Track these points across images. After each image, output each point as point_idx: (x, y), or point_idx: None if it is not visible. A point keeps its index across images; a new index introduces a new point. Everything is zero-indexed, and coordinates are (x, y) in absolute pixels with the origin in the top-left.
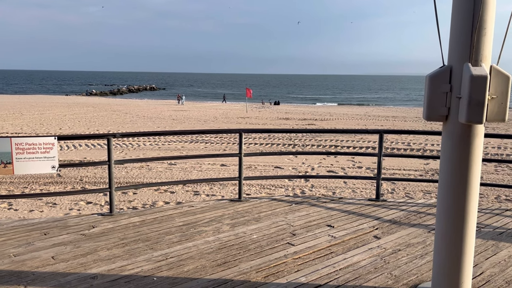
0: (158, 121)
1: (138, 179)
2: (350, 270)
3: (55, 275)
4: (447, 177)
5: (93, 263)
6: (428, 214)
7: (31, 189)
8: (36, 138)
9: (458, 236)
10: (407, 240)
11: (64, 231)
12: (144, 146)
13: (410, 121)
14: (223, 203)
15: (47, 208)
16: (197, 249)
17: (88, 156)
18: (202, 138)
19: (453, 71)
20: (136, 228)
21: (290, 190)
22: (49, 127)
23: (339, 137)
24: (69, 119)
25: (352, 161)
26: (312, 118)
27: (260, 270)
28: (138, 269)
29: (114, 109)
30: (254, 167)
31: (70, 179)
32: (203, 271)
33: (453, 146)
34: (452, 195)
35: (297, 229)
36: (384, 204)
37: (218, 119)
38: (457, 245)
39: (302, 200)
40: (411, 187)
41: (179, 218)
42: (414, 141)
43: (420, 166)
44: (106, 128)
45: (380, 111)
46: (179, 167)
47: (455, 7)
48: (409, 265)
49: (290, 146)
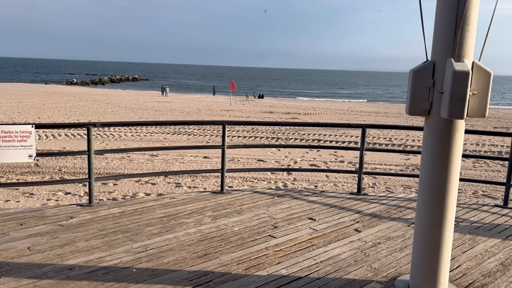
0: (140, 112)
1: (119, 170)
2: (330, 262)
3: (31, 266)
4: (427, 171)
5: (70, 254)
6: (408, 208)
7: (7, 178)
8: (12, 126)
9: (436, 229)
10: (387, 234)
11: (41, 222)
12: (126, 136)
13: (392, 117)
14: (205, 195)
15: (24, 198)
16: (178, 241)
17: (68, 146)
18: (185, 129)
19: (436, 66)
20: (116, 219)
21: (273, 183)
22: (27, 116)
23: (322, 131)
24: (48, 108)
25: (334, 155)
26: (296, 112)
27: (241, 262)
28: (117, 261)
29: (95, 99)
30: (237, 159)
31: (48, 169)
32: (183, 263)
33: (435, 140)
34: (432, 189)
35: (279, 221)
36: (365, 198)
37: (201, 111)
38: (435, 239)
39: (284, 193)
40: (391, 182)
41: (160, 209)
42: (395, 137)
43: (401, 161)
44: (86, 118)
45: (363, 107)
46: (161, 159)
47: (440, 3)
48: (388, 258)
49: (274, 140)
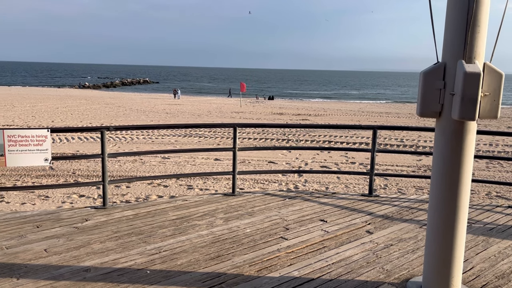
0: (151, 115)
1: (132, 172)
2: (342, 264)
3: (48, 267)
4: (439, 173)
5: (86, 256)
6: (420, 210)
7: (23, 181)
8: (29, 130)
9: (449, 231)
10: (399, 235)
11: (56, 224)
12: (138, 139)
13: (403, 117)
14: (217, 197)
15: (40, 201)
16: (191, 242)
17: (81, 149)
18: (196, 132)
19: (447, 68)
20: (129, 221)
21: (284, 185)
22: (41, 119)
23: (332, 132)
24: (61, 111)
25: (345, 156)
26: (306, 114)
27: (253, 264)
28: (131, 262)
29: (107, 102)
30: (248, 161)
31: (62, 172)
32: (196, 265)
33: (446, 142)
34: (444, 191)
35: (291, 223)
36: (377, 200)
37: (212, 113)
38: (448, 240)
39: (296, 195)
40: (403, 183)
41: (173, 212)
42: (407, 137)
43: (413, 162)
44: (99, 121)
45: (374, 107)
46: (173, 161)
47: (450, 4)
48: (400, 260)
49: (284, 141)
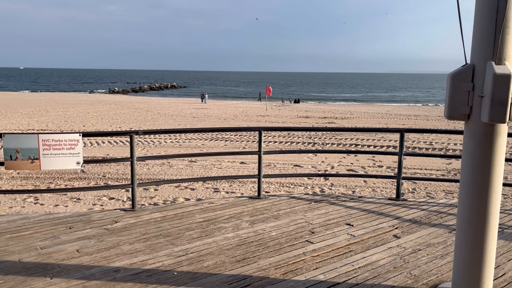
0: (179, 119)
1: (159, 175)
2: (369, 268)
3: (80, 267)
4: (469, 177)
5: (116, 257)
6: (450, 214)
7: (56, 184)
8: (62, 135)
9: (479, 236)
10: (427, 240)
11: (88, 226)
12: (165, 143)
13: (432, 120)
14: (243, 200)
15: (72, 203)
16: (217, 245)
17: (111, 153)
18: (222, 136)
19: (475, 70)
20: (158, 223)
21: (309, 189)
22: (73, 124)
23: (359, 135)
24: (92, 116)
25: (372, 160)
26: (333, 117)
27: (279, 267)
28: (159, 264)
29: (136, 107)
30: (273, 165)
31: (93, 175)
32: (222, 267)
33: (475, 145)
34: (474, 195)
35: (316, 227)
36: (405, 204)
37: (238, 117)
38: (478, 246)
39: (321, 199)
40: (432, 187)
41: (199, 214)
42: (436, 140)
43: (442, 166)
44: (128, 125)
45: (401, 110)
46: (199, 164)
47: (479, 4)
48: (429, 265)
49: (310, 145)
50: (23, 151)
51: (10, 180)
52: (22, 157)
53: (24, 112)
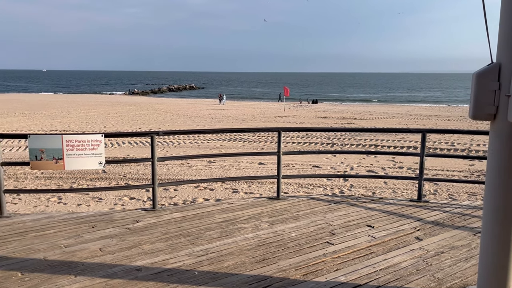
0: (197, 120)
1: (179, 176)
2: (390, 271)
3: (103, 266)
4: (495, 178)
5: (137, 256)
6: (474, 217)
7: (78, 184)
8: (85, 136)
9: (505, 239)
10: (450, 243)
11: (110, 225)
12: (184, 144)
13: (454, 121)
14: (262, 201)
15: (94, 203)
16: (237, 245)
17: (131, 153)
18: (240, 136)
19: (502, 69)
20: (178, 223)
21: (329, 190)
22: (94, 125)
23: (379, 136)
24: (112, 117)
25: (392, 161)
26: (351, 117)
27: (299, 268)
28: (180, 263)
29: (155, 108)
30: (292, 165)
31: (114, 175)
32: (242, 267)
33: (502, 146)
34: (500, 197)
35: (336, 228)
36: (426, 205)
37: (255, 118)
38: (504, 249)
39: (341, 200)
40: (454, 188)
41: (219, 214)
42: (458, 141)
43: (464, 167)
44: (147, 126)
45: (422, 110)
46: (218, 165)
47: (504, 1)
48: (453, 268)
49: (329, 145)
50: (47, 151)
51: (35, 180)
52: (47, 157)
53: (47, 113)
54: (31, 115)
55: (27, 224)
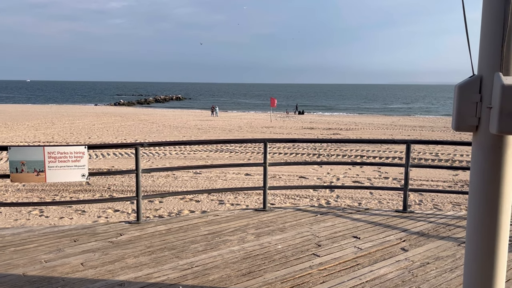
0: (183, 131)
1: (164, 187)
2: (377, 282)
3: (84, 281)
4: (477, 189)
5: (120, 270)
6: (458, 227)
7: (61, 196)
8: (67, 147)
9: (489, 250)
10: (436, 253)
11: (92, 238)
12: (170, 155)
13: (438, 131)
14: (248, 212)
15: (77, 215)
16: (222, 258)
17: (116, 165)
18: (227, 147)
19: (483, 81)
20: (162, 236)
21: (315, 200)
22: (78, 136)
23: (365, 147)
24: (97, 128)
25: (378, 171)
26: (337, 128)
27: (285, 281)
28: (164, 277)
29: (141, 119)
30: (279, 176)
31: (98, 187)
32: (228, 281)
33: (484, 157)
34: (483, 208)
35: (323, 240)
36: (412, 216)
37: (242, 128)
38: (489, 260)
39: (328, 211)
40: (439, 199)
41: (204, 227)
42: (442, 152)
43: (449, 177)
44: (133, 137)
45: (406, 121)
46: (204, 176)
47: (485, 15)
48: (438, 279)
49: (315, 156)
50: (28, 164)
51: (16, 193)
52: (28, 169)
53: (30, 124)
54: (13, 126)
55: (6, 238)
